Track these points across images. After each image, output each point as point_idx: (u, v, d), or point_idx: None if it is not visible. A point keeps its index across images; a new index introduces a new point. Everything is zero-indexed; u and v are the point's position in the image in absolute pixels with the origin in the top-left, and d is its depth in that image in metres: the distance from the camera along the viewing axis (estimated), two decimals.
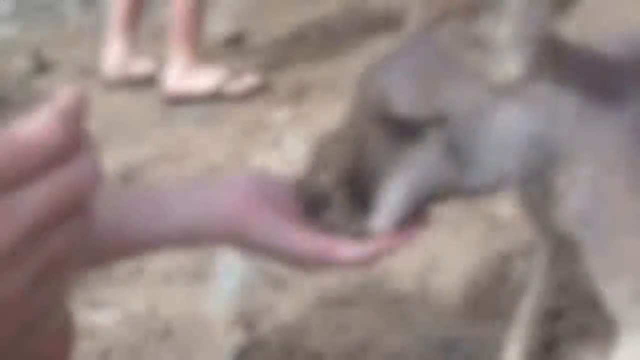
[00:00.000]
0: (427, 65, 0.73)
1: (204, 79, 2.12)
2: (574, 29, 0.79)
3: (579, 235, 0.83)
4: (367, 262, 0.73)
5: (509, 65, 0.72)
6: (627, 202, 0.81)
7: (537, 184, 0.81)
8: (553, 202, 0.83)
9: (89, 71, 2.28)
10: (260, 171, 1.14)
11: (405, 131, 0.72)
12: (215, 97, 2.12)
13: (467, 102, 0.72)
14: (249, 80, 2.17)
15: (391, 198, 0.72)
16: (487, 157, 0.74)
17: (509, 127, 0.74)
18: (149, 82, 2.21)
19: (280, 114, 1.99)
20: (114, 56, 2.19)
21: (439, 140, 0.72)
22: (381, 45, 1.71)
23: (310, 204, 0.73)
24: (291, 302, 1.37)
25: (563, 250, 1.02)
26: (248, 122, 2.01)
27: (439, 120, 0.71)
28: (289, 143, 1.88)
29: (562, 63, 0.76)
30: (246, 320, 1.33)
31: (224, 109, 2.10)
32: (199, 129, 2.01)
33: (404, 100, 0.71)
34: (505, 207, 1.50)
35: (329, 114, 1.52)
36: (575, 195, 0.81)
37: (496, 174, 0.76)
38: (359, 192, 0.72)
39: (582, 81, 0.77)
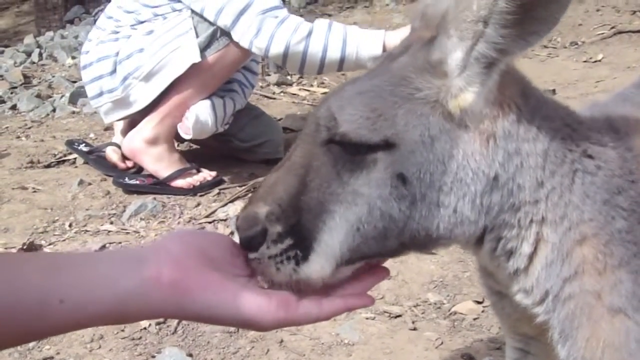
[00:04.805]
0: (379, 88, 0.67)
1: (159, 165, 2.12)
2: None
3: (545, 315, 0.71)
4: (322, 320, 0.66)
5: (464, 93, 0.66)
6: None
7: (492, 241, 0.71)
8: (514, 270, 0.71)
9: None
10: (193, 230, 1.04)
11: (352, 158, 0.65)
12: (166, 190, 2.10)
13: (418, 129, 0.66)
14: (204, 175, 2.16)
15: (332, 240, 0.64)
16: (439, 194, 0.66)
17: (465, 163, 0.67)
18: None
19: (233, 209, 1.96)
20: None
21: (387, 168, 0.65)
22: None
23: (245, 238, 0.66)
24: None
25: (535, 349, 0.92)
26: (200, 216, 1.96)
27: (387, 146, 0.65)
28: None
29: (526, 101, 0.70)
30: None
31: (178, 202, 2.06)
32: (150, 222, 1.94)
33: (351, 120, 0.65)
34: (468, 303, 1.50)
35: None
36: (540, 259, 0.70)
37: (449, 216, 0.67)
38: (299, 229, 0.65)
39: (550, 125, 0.70)
